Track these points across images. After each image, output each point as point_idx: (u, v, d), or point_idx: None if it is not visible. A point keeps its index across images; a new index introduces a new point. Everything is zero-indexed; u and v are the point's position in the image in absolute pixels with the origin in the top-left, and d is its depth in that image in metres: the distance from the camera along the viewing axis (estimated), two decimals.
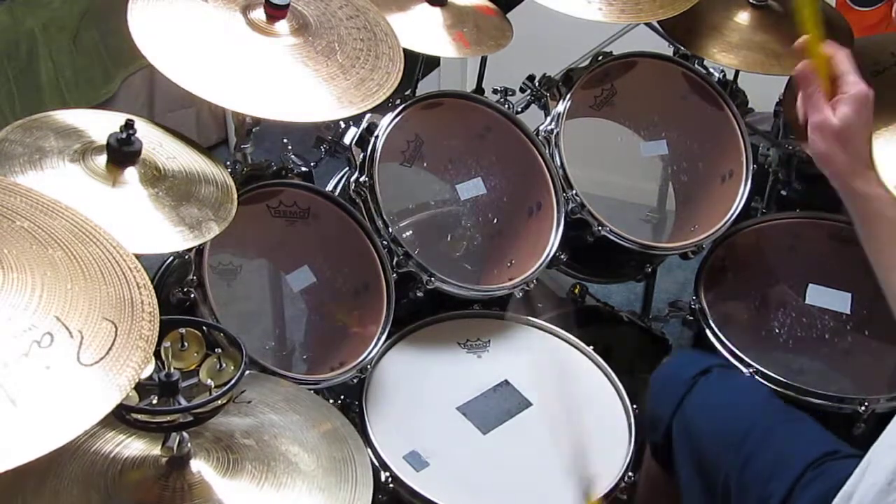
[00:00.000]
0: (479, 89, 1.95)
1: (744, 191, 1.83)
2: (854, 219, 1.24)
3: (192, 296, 1.46)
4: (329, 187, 1.81)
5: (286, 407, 1.24)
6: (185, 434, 1.08)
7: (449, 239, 1.89)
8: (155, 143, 1.39)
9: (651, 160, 2.06)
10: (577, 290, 1.99)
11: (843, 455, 1.32)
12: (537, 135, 1.81)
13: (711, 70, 1.96)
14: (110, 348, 0.83)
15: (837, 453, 1.33)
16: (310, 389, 1.44)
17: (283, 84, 1.40)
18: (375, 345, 1.55)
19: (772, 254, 1.90)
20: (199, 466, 1.10)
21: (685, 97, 1.95)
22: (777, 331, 1.81)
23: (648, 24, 1.93)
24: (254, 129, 1.59)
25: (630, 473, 1.46)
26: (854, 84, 1.22)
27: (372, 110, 1.53)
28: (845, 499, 0.89)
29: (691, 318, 1.81)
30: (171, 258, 1.63)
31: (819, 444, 1.37)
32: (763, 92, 2.06)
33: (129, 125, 1.29)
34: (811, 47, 1.26)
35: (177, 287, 1.47)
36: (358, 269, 1.65)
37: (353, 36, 1.50)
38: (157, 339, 0.87)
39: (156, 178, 1.33)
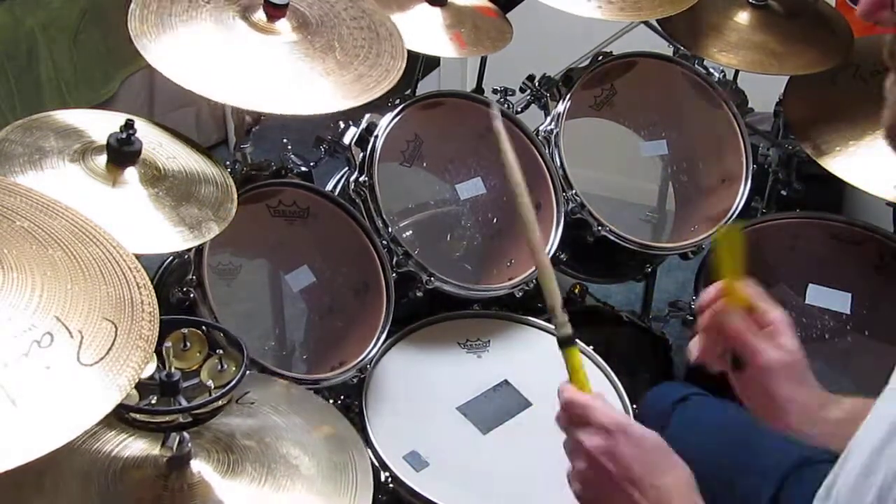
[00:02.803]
0: (479, 89, 1.95)
1: (744, 191, 1.83)
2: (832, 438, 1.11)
3: (192, 295, 1.46)
4: (329, 187, 1.81)
5: (289, 409, 1.24)
6: (185, 434, 1.08)
7: (449, 239, 1.88)
8: (155, 143, 1.39)
9: (651, 160, 2.06)
10: (577, 290, 1.99)
11: (820, 460, 1.32)
12: (537, 135, 1.81)
13: (711, 70, 1.96)
14: (110, 348, 0.83)
15: (814, 458, 1.33)
16: (310, 389, 1.44)
17: (281, 78, 1.40)
18: (375, 345, 1.55)
19: (772, 254, 1.90)
20: (200, 467, 1.10)
21: (685, 97, 1.95)
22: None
23: (648, 24, 1.93)
24: (253, 129, 1.60)
25: None
26: (773, 312, 1.15)
27: (371, 110, 1.53)
28: (828, 488, 0.89)
29: (691, 318, 1.81)
30: (171, 258, 1.63)
31: (796, 451, 1.37)
32: (763, 92, 2.07)
33: (129, 125, 1.29)
34: (730, 291, 1.16)
35: (176, 287, 1.47)
36: (358, 269, 1.65)
37: (355, 35, 1.50)
38: (157, 338, 0.87)
39: (156, 178, 1.33)
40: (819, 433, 1.13)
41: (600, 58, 1.89)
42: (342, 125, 1.72)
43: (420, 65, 1.90)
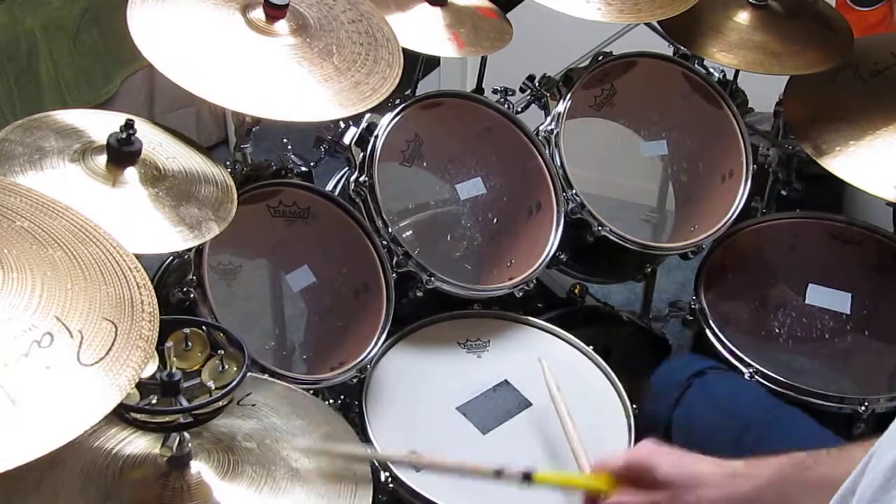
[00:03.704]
0: (479, 89, 1.95)
1: (744, 191, 1.83)
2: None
3: (192, 296, 1.45)
4: (329, 187, 1.81)
5: (290, 411, 1.24)
6: (185, 434, 1.08)
7: (449, 239, 1.88)
8: (155, 143, 1.39)
9: (651, 160, 2.06)
10: (577, 290, 1.99)
11: (839, 443, 1.32)
12: (537, 135, 1.81)
13: (711, 70, 1.96)
14: (110, 348, 0.83)
15: (829, 442, 1.33)
16: (309, 389, 1.44)
17: (280, 84, 1.41)
18: (375, 345, 1.55)
19: (772, 254, 1.90)
20: (200, 467, 1.10)
21: (685, 97, 1.95)
22: (777, 331, 1.81)
23: (648, 24, 1.93)
24: (254, 129, 1.60)
25: None
26: (629, 458, 1.15)
27: (372, 110, 1.54)
28: (846, 495, 0.89)
29: (691, 318, 1.81)
30: (171, 258, 1.63)
31: (816, 439, 1.37)
32: (763, 92, 2.06)
33: (129, 125, 1.29)
34: (592, 488, 1.16)
35: (177, 287, 1.47)
36: (358, 269, 1.65)
37: (353, 40, 1.50)
38: (157, 339, 0.87)
39: (156, 178, 1.33)
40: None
41: (600, 58, 1.89)
42: (342, 125, 1.72)
43: (420, 65, 1.89)
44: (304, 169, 1.70)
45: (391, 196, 1.69)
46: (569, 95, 1.82)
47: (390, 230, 1.63)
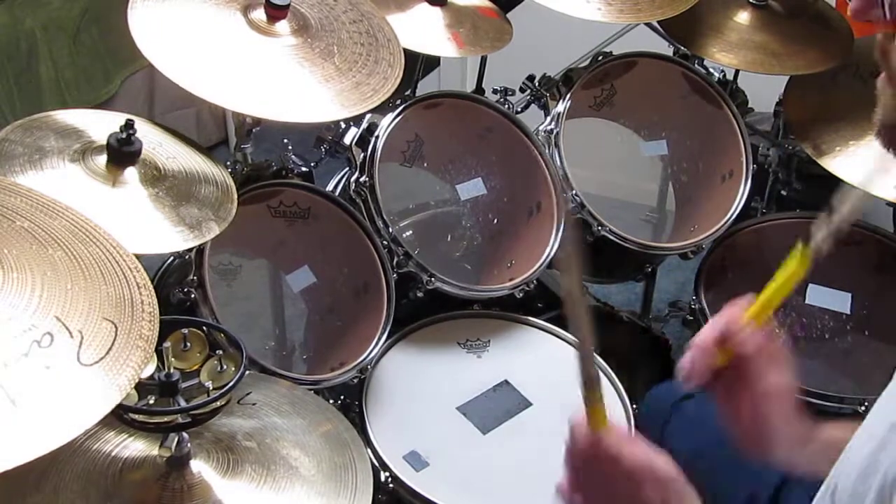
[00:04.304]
0: (479, 89, 1.95)
1: (744, 191, 1.83)
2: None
3: (193, 296, 1.46)
4: (329, 187, 1.81)
5: (290, 410, 1.24)
6: (185, 434, 1.08)
7: (449, 239, 1.88)
8: (155, 143, 1.39)
9: (651, 160, 2.06)
10: None
11: None
12: (537, 135, 1.81)
13: (711, 70, 1.96)
14: (110, 348, 0.83)
15: None
16: (310, 389, 1.44)
17: (281, 84, 1.41)
18: (375, 345, 1.55)
19: (772, 254, 1.89)
20: (200, 467, 1.10)
21: (685, 97, 1.95)
22: (777, 331, 1.81)
23: (648, 24, 1.93)
24: (254, 130, 1.60)
25: None
26: (779, 339, 1.16)
27: (372, 110, 1.54)
28: (828, 488, 0.90)
29: (691, 318, 1.81)
30: (172, 258, 1.63)
31: None
32: (763, 92, 2.07)
33: (129, 125, 1.29)
34: (764, 307, 1.16)
35: (177, 287, 1.47)
36: (358, 270, 1.65)
37: (354, 40, 1.50)
38: (157, 339, 0.87)
39: (156, 178, 1.33)
40: (798, 464, 1.12)
41: (600, 58, 1.89)
42: (343, 125, 1.72)
43: (420, 65, 1.89)
44: (304, 169, 1.70)
45: (391, 196, 1.69)
46: (569, 95, 1.82)
47: (391, 230, 1.63)
